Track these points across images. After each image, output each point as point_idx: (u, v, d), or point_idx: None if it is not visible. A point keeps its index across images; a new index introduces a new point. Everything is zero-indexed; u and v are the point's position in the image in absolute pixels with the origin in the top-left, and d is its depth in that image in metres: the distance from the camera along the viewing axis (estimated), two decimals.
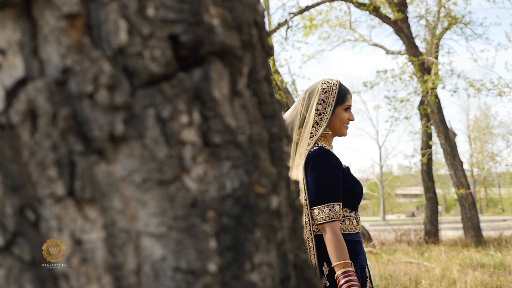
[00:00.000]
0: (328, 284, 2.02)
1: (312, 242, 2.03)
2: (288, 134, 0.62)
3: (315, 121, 2.11)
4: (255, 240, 0.51)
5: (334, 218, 1.98)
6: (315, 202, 2.01)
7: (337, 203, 2.00)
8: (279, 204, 0.55)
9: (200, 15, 0.50)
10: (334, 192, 2.00)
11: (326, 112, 2.11)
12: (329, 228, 1.97)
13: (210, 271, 0.47)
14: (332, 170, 2.02)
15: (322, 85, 2.15)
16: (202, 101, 0.51)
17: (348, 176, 2.10)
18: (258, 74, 0.57)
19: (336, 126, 2.16)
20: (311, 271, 0.61)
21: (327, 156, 2.04)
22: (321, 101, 2.12)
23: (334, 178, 2.02)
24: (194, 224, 0.47)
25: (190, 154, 0.49)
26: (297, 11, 11.90)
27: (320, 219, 1.99)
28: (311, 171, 2.02)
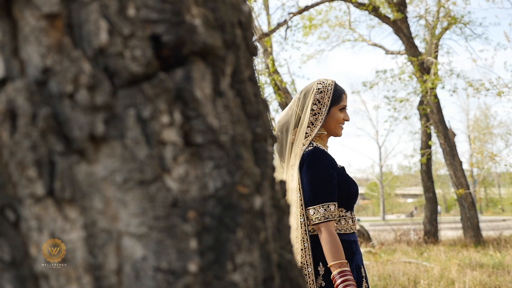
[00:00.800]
0: (324, 284, 2.02)
1: (307, 242, 2.03)
2: (273, 134, 0.62)
3: (310, 121, 2.11)
4: (237, 240, 0.51)
5: (329, 218, 1.98)
6: (310, 202, 2.01)
7: (332, 203, 2.00)
8: (263, 204, 0.55)
9: (182, 15, 0.50)
10: (329, 192, 2.00)
11: (321, 112, 2.11)
12: (324, 228, 1.98)
13: (191, 271, 0.47)
14: (327, 170, 2.02)
15: (317, 85, 2.15)
16: (184, 101, 0.51)
17: (343, 176, 2.10)
18: (242, 74, 0.57)
19: (331, 126, 2.16)
20: (297, 271, 0.61)
21: (322, 156, 2.04)
22: (316, 101, 2.12)
23: (329, 178, 2.02)
24: (175, 224, 0.47)
25: (171, 154, 0.49)
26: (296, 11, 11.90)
27: (316, 219, 1.99)
28: (306, 171, 2.02)
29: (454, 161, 11.95)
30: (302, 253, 2.02)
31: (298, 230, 2.03)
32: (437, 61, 11.61)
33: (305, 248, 2.02)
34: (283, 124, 2.16)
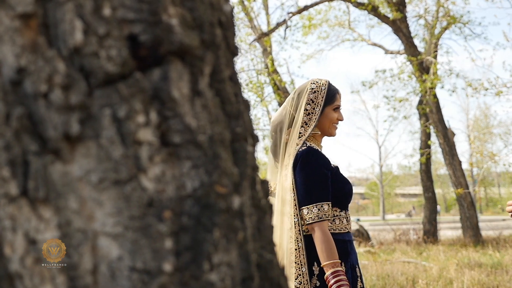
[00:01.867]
0: (318, 284, 2.02)
1: (301, 242, 2.03)
2: (254, 134, 0.62)
3: (304, 121, 2.11)
4: (214, 240, 0.51)
5: (323, 217, 1.98)
6: (304, 202, 2.01)
7: (326, 202, 2.00)
8: (242, 204, 0.55)
9: (159, 14, 0.50)
10: (323, 192, 2.00)
11: (315, 112, 2.11)
12: (318, 228, 1.98)
13: (166, 271, 0.47)
14: (320, 170, 2.02)
15: (311, 85, 2.15)
16: (161, 101, 0.51)
17: (337, 175, 2.10)
18: (222, 74, 0.57)
19: (325, 126, 2.16)
20: (278, 271, 0.61)
21: (316, 156, 2.04)
22: (310, 101, 2.12)
23: (322, 178, 2.02)
24: (150, 224, 0.47)
25: (146, 154, 0.49)
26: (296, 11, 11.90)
27: (309, 219, 1.99)
28: (299, 171, 2.02)
29: (453, 161, 11.94)
30: (296, 253, 2.02)
31: (292, 230, 2.03)
32: (436, 61, 11.61)
33: (299, 248, 2.02)
34: (277, 124, 2.17)
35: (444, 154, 12.10)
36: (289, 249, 2.03)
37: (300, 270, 2.01)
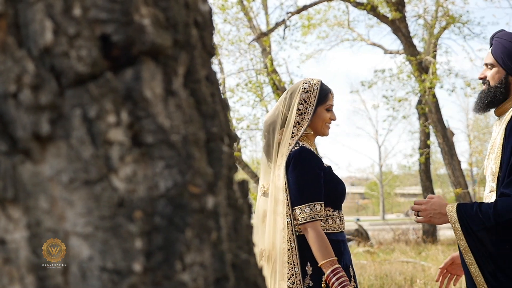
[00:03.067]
0: (311, 284, 2.02)
1: (294, 242, 2.03)
2: (232, 134, 0.62)
3: (297, 121, 2.12)
4: (186, 240, 0.51)
5: (315, 217, 1.98)
6: (296, 202, 2.01)
7: (318, 202, 2.00)
8: (216, 204, 0.55)
9: (131, 14, 0.50)
10: (315, 192, 2.01)
11: (308, 112, 2.12)
12: (310, 228, 1.98)
13: (135, 271, 0.47)
14: (313, 170, 2.02)
15: (303, 84, 2.16)
16: (134, 101, 0.51)
17: (330, 175, 2.10)
18: (197, 73, 0.57)
19: (318, 126, 2.17)
20: (255, 271, 0.61)
21: (308, 156, 2.05)
22: (302, 101, 2.13)
23: (315, 178, 2.02)
24: (120, 224, 0.48)
25: (117, 154, 0.49)
26: (295, 11, 11.90)
27: (302, 219, 1.99)
28: (292, 171, 2.02)
29: (452, 161, 11.94)
30: (289, 253, 2.02)
31: (285, 230, 2.03)
32: (435, 61, 11.60)
33: (291, 248, 2.03)
34: (270, 124, 2.17)
35: (443, 154, 12.10)
36: (282, 249, 2.03)
37: (293, 270, 2.01)
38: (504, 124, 1.93)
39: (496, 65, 2.01)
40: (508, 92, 2.00)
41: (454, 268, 2.17)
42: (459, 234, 1.88)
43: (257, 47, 13.43)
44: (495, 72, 2.01)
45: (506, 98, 2.01)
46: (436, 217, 1.95)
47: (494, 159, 1.94)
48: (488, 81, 2.03)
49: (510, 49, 1.97)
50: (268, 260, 2.08)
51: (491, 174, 1.98)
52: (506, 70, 1.99)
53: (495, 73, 2.01)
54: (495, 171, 1.94)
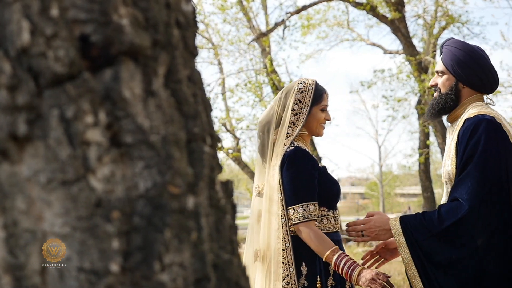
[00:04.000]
0: (306, 284, 2.02)
1: (289, 243, 2.03)
2: (215, 134, 0.62)
3: (291, 121, 2.12)
4: (165, 240, 0.51)
5: (308, 218, 1.98)
6: (290, 202, 2.01)
7: (312, 202, 2.00)
8: (197, 204, 0.55)
9: (109, 15, 0.50)
10: (309, 192, 2.01)
11: (302, 112, 2.12)
12: (304, 228, 1.98)
13: (112, 271, 0.47)
14: (307, 170, 2.03)
15: (298, 85, 2.16)
16: (113, 101, 0.51)
17: (325, 175, 2.10)
18: (178, 74, 0.57)
19: (313, 126, 2.17)
20: (238, 271, 0.61)
21: (303, 156, 2.05)
22: (297, 101, 2.13)
23: (309, 178, 2.02)
24: (97, 224, 0.47)
25: (95, 154, 0.49)
26: (294, 11, 11.89)
27: (295, 219, 1.99)
28: (286, 171, 2.02)
29: None
30: (284, 253, 2.02)
31: (280, 230, 2.04)
32: (435, 61, 11.60)
33: (286, 248, 2.03)
34: (265, 125, 2.17)
35: (443, 154, 12.09)
36: (276, 249, 2.03)
37: (288, 271, 2.01)
38: (458, 130, 1.97)
39: (446, 73, 2.06)
40: (459, 98, 2.05)
41: (384, 252, 2.19)
42: (403, 247, 1.91)
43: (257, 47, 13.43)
44: (446, 80, 2.06)
45: (457, 104, 2.06)
46: (381, 233, 1.98)
47: (451, 165, 1.97)
48: (439, 88, 2.08)
49: (459, 56, 2.02)
50: (263, 261, 2.08)
51: (448, 180, 2.01)
52: (456, 77, 2.04)
53: (446, 80, 2.06)
54: (452, 176, 1.97)
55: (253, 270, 2.13)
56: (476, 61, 2.02)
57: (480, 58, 2.03)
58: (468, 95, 2.04)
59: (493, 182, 1.83)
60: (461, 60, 2.01)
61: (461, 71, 2.01)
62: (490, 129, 1.87)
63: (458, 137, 1.94)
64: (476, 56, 2.02)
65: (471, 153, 1.86)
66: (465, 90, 2.04)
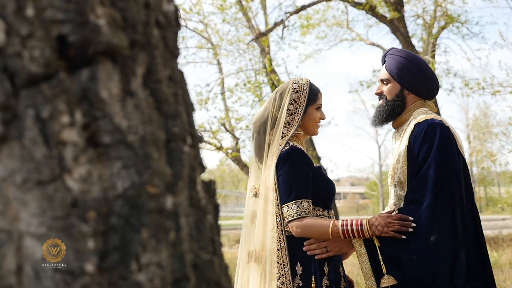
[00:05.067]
0: (301, 284, 2.02)
1: (284, 242, 2.03)
2: (195, 134, 0.62)
3: (287, 121, 2.12)
4: (142, 240, 0.51)
5: (302, 214, 1.98)
6: (284, 200, 2.01)
7: (306, 199, 2.00)
8: (176, 204, 0.55)
9: (86, 15, 0.50)
10: (302, 189, 2.01)
11: (298, 112, 2.12)
12: (298, 223, 1.98)
13: (88, 271, 0.47)
14: (302, 169, 2.03)
15: (293, 84, 2.16)
16: (90, 102, 0.51)
17: (320, 175, 2.10)
18: (158, 74, 0.57)
19: (309, 125, 2.17)
20: (219, 271, 0.61)
21: (298, 155, 2.05)
22: (292, 101, 2.13)
23: (303, 176, 2.02)
24: (73, 225, 0.47)
25: (71, 154, 0.49)
26: (293, 11, 11.89)
27: (289, 216, 1.99)
28: (281, 170, 2.02)
29: None
30: (279, 253, 2.02)
31: (274, 230, 2.03)
32: (434, 60, 11.60)
33: (281, 248, 2.02)
34: (260, 125, 2.17)
35: None
36: (271, 249, 2.03)
37: (283, 270, 2.01)
38: (407, 134, 2.04)
39: (391, 80, 2.15)
40: (404, 104, 2.14)
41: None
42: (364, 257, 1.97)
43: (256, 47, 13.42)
44: (391, 87, 2.15)
45: (403, 110, 2.15)
46: (344, 245, 2.04)
47: (401, 169, 2.05)
48: (385, 95, 2.17)
49: (404, 64, 2.12)
50: (258, 261, 2.08)
51: (398, 183, 2.08)
52: (401, 84, 2.13)
53: (391, 87, 2.15)
54: (403, 180, 2.05)
55: (247, 271, 2.13)
56: (420, 68, 2.12)
57: (423, 65, 2.14)
58: (413, 101, 2.14)
59: (448, 182, 1.92)
60: (406, 67, 2.11)
61: (406, 78, 2.11)
62: (442, 133, 1.96)
63: (409, 142, 2.01)
64: (419, 64, 2.14)
65: (426, 155, 1.94)
66: (410, 96, 2.14)
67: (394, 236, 1.91)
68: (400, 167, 2.05)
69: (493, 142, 30.55)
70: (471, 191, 2.04)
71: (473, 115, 32.85)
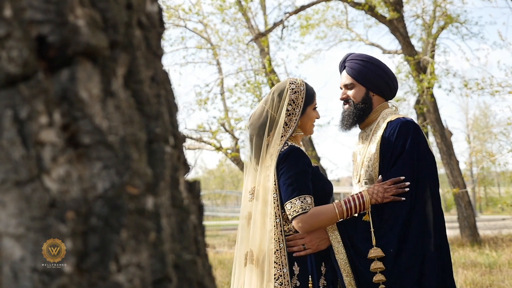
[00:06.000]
0: (298, 284, 2.02)
1: (283, 243, 2.03)
2: (178, 134, 0.62)
3: (285, 121, 2.12)
4: (121, 241, 0.51)
5: (307, 209, 1.98)
6: (287, 197, 2.00)
7: (309, 195, 2.00)
8: (157, 205, 0.55)
9: (65, 16, 0.50)
10: (305, 185, 2.01)
11: (296, 113, 2.13)
12: (303, 217, 1.97)
13: (65, 272, 0.47)
14: (302, 166, 2.03)
15: (290, 85, 2.16)
16: (70, 102, 0.51)
17: (318, 175, 2.11)
18: (139, 74, 0.57)
19: (306, 125, 2.18)
20: (203, 271, 0.61)
21: (298, 154, 2.05)
22: (291, 102, 2.14)
23: (304, 173, 2.03)
24: (50, 225, 0.47)
25: (49, 155, 0.49)
26: (293, 11, 11.89)
27: (294, 212, 1.98)
28: (282, 170, 2.03)
29: (450, 160, 11.94)
30: (277, 254, 2.02)
31: (273, 231, 2.03)
32: (433, 60, 11.60)
33: (280, 249, 2.02)
34: (259, 127, 2.16)
35: (442, 154, 12.09)
36: (270, 250, 2.03)
37: (281, 271, 2.01)
38: (379, 132, 2.10)
39: (356, 84, 2.20)
40: (371, 106, 2.21)
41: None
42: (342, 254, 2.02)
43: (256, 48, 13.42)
44: (357, 91, 2.20)
45: (370, 111, 2.21)
46: (322, 242, 2.06)
47: (372, 166, 2.10)
48: (352, 100, 2.21)
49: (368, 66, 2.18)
50: (256, 263, 2.08)
51: (369, 180, 2.13)
52: (366, 87, 2.19)
53: (357, 91, 2.20)
54: (374, 177, 2.10)
55: (244, 273, 2.13)
56: (383, 70, 2.19)
57: (385, 67, 2.21)
58: (378, 102, 2.21)
59: (418, 177, 1.99)
60: (370, 69, 2.18)
61: (371, 80, 2.18)
62: (416, 128, 2.04)
63: (383, 139, 2.08)
64: (381, 65, 2.20)
65: (402, 149, 2.01)
66: (375, 97, 2.21)
67: (394, 199, 1.97)
68: (372, 165, 2.10)
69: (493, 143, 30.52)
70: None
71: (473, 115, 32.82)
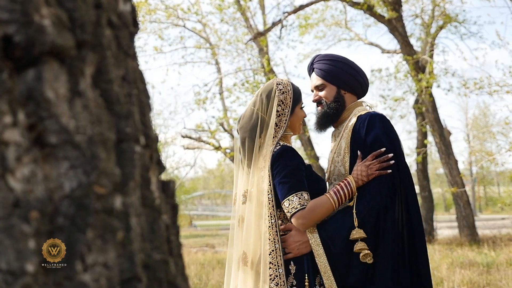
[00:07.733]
0: (295, 282, 2.02)
1: (278, 243, 2.03)
2: (150, 134, 0.62)
3: (275, 122, 2.13)
4: (87, 240, 0.51)
5: (305, 205, 1.98)
6: (283, 195, 2.00)
7: (305, 191, 2.00)
8: (126, 204, 0.55)
9: (31, 15, 0.50)
10: (300, 182, 2.02)
11: (285, 113, 2.14)
12: (302, 213, 1.97)
13: (28, 271, 0.47)
14: (297, 165, 2.04)
15: (277, 86, 2.16)
16: (36, 102, 0.51)
17: (311, 173, 2.12)
18: (109, 74, 0.57)
19: (296, 124, 2.19)
20: (174, 271, 0.61)
21: (291, 153, 2.06)
22: (280, 102, 2.14)
23: (298, 170, 2.04)
24: (14, 225, 0.47)
25: (14, 155, 0.49)
26: (291, 10, 11.88)
27: (292, 209, 1.98)
28: (277, 169, 2.03)
29: (449, 160, 11.93)
30: (273, 254, 2.02)
31: (268, 232, 2.03)
32: (432, 60, 11.60)
33: (276, 249, 2.02)
34: (251, 130, 2.15)
35: (440, 153, 12.09)
36: (265, 251, 2.03)
37: (277, 271, 2.01)
38: (349, 127, 2.12)
39: (326, 85, 2.22)
40: (344, 104, 2.23)
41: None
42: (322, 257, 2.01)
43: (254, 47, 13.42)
44: (329, 91, 2.22)
45: (344, 110, 2.23)
46: (303, 246, 2.05)
47: (341, 161, 2.12)
48: (324, 100, 2.23)
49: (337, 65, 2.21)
50: (251, 265, 2.08)
51: (338, 176, 2.15)
52: (337, 86, 2.21)
53: (329, 91, 2.22)
54: (344, 172, 2.11)
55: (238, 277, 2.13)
56: (352, 67, 2.22)
57: (354, 64, 2.23)
58: (351, 100, 2.23)
59: (393, 166, 2.01)
60: (340, 68, 2.20)
61: (341, 78, 2.19)
62: (385, 119, 2.09)
63: (353, 133, 2.10)
64: (350, 63, 2.23)
65: (375, 138, 2.04)
66: (347, 95, 2.23)
67: (380, 174, 1.99)
68: (341, 160, 2.12)
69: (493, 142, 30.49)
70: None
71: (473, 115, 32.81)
